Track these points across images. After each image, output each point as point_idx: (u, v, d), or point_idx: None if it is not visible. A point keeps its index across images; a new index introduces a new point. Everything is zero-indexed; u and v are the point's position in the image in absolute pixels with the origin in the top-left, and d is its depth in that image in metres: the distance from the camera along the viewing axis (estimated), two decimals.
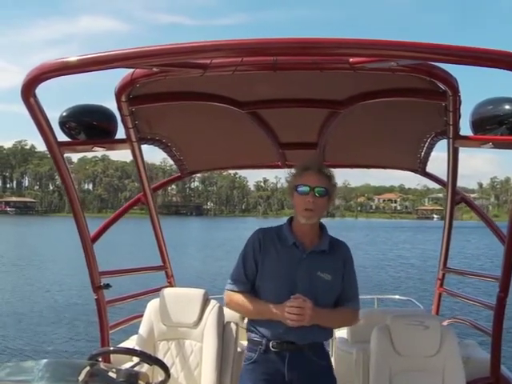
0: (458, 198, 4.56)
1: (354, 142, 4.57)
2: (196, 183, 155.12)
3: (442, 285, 5.26)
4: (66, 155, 3.60)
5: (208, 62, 2.80)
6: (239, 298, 2.95)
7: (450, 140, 3.63)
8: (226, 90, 3.53)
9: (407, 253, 39.01)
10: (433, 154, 4.49)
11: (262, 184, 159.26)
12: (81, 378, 2.31)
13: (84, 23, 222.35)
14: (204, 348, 3.75)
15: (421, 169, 4.92)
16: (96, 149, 3.82)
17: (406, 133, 4.21)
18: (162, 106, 3.63)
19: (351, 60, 2.74)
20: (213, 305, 3.86)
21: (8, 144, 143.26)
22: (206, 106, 3.63)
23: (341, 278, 2.96)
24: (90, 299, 4.25)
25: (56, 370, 2.43)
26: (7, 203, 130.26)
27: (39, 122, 3.11)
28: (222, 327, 3.84)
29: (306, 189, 2.86)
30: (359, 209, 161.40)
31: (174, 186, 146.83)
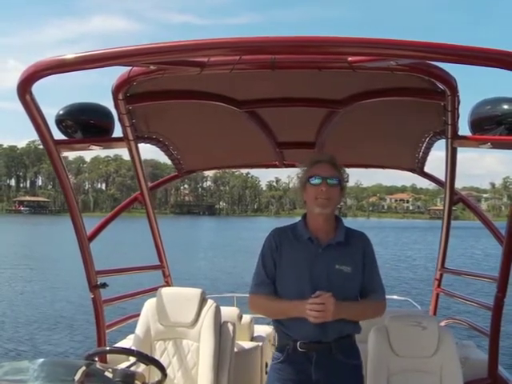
0: (456, 198, 4.56)
1: (352, 141, 4.55)
2: (208, 183, 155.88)
3: (439, 285, 5.26)
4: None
5: (205, 60, 2.79)
6: (263, 300, 2.94)
7: (449, 140, 3.62)
8: (224, 89, 3.51)
9: (416, 253, 38.78)
10: (437, 153, 4.48)
11: (275, 184, 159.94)
12: (77, 377, 2.28)
13: (96, 23, 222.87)
14: (201, 348, 3.73)
15: (419, 168, 4.91)
16: (93, 147, 3.80)
17: (405, 132, 4.20)
18: (159, 104, 3.61)
19: (350, 59, 2.73)
20: (210, 304, 3.84)
21: (21, 144, 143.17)
22: (204, 105, 3.62)
23: (361, 268, 2.91)
24: (86, 298, 4.23)
25: (52, 369, 2.41)
26: (21, 203, 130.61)
27: (35, 120, 3.10)
28: (219, 327, 3.82)
29: (319, 179, 2.84)
30: (371, 209, 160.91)
31: (186, 186, 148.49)
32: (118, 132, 3.78)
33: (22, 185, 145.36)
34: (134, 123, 3.77)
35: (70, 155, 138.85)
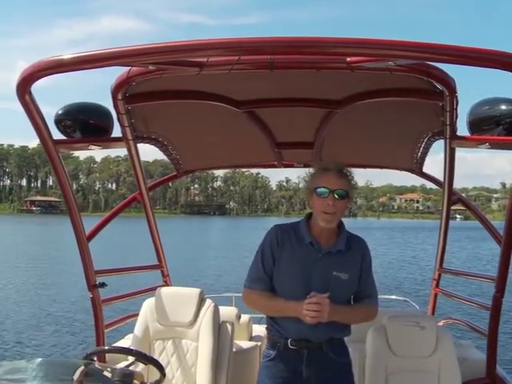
0: (454, 199, 4.57)
1: (350, 141, 4.56)
2: (218, 183, 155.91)
3: (437, 285, 5.27)
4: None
5: (204, 60, 2.79)
6: (257, 295, 2.93)
7: (447, 140, 3.63)
8: (223, 89, 3.51)
9: (422, 253, 38.51)
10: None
11: (285, 184, 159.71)
12: (75, 377, 2.29)
13: (105, 23, 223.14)
14: (199, 347, 3.74)
15: (418, 169, 4.92)
16: (92, 147, 3.81)
17: (403, 133, 4.21)
18: (158, 104, 3.62)
19: (348, 59, 2.73)
20: (208, 304, 3.85)
21: (33, 144, 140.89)
22: (203, 105, 3.62)
23: (358, 275, 2.92)
24: (86, 298, 4.23)
25: (50, 369, 2.41)
26: (32, 202, 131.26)
27: (34, 119, 3.10)
28: (218, 326, 3.83)
29: (326, 191, 2.78)
30: (381, 209, 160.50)
31: (196, 186, 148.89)
32: (117, 132, 3.78)
33: (33, 185, 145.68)
34: (133, 123, 3.78)
35: (81, 156, 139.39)
